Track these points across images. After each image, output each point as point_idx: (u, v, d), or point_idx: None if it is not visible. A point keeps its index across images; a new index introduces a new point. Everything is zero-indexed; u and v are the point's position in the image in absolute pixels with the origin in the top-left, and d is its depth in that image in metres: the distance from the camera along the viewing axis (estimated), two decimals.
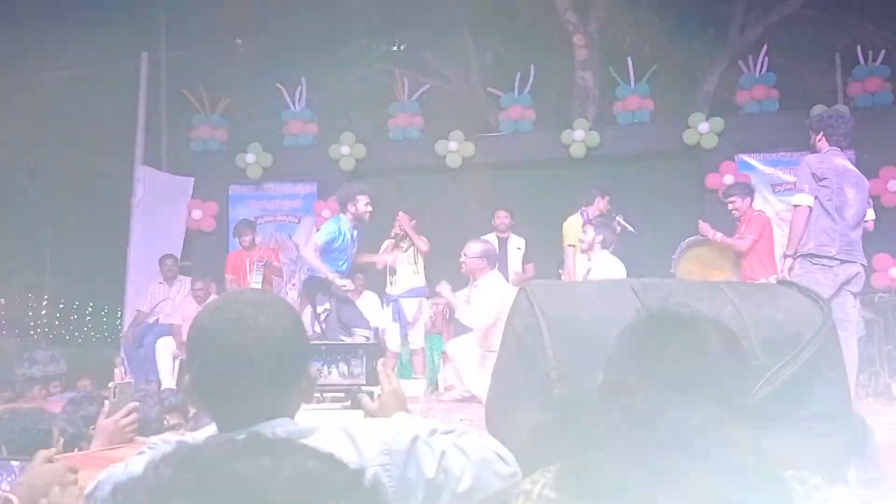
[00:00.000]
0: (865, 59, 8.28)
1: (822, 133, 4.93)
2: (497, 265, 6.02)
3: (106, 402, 2.57)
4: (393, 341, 6.76)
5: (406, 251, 6.87)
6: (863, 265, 4.93)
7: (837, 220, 4.72)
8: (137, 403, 2.65)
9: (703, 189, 8.31)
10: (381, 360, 1.49)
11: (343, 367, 1.51)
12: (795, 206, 4.78)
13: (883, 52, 8.32)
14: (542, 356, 1.62)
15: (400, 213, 6.88)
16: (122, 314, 9.20)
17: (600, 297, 1.76)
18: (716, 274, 6.23)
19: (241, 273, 7.08)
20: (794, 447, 1.58)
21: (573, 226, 6.80)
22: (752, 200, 6.32)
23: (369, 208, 6.04)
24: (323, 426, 1.20)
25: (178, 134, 10.67)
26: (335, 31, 11.55)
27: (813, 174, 4.73)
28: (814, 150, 5.02)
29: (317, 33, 11.15)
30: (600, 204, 6.77)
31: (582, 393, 1.54)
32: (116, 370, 5.53)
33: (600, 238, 5.82)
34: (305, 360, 1.28)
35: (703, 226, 6.34)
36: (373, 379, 1.47)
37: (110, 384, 2.58)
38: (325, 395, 1.54)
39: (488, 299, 5.55)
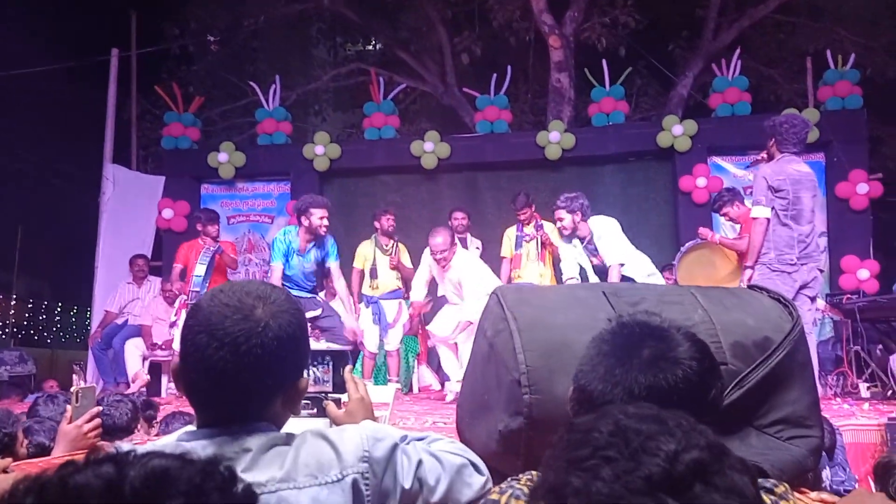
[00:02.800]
0: (836, 63, 8.38)
1: (774, 139, 4.98)
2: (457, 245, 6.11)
3: (68, 406, 2.52)
4: (371, 342, 6.74)
5: (389, 253, 6.84)
6: (820, 270, 5.09)
7: (794, 228, 4.87)
8: (101, 408, 2.60)
9: (676, 191, 8.36)
10: (348, 368, 1.45)
11: (309, 374, 1.46)
12: (754, 218, 4.82)
13: (853, 56, 8.43)
14: (513, 362, 1.60)
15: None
16: (90, 314, 9.06)
17: (572, 301, 1.75)
18: (718, 275, 6.28)
19: (192, 263, 6.79)
20: (763, 452, 1.58)
21: (508, 235, 6.91)
22: (742, 201, 6.32)
23: (324, 223, 5.81)
24: (302, 433, 1.18)
25: (149, 132, 10.56)
26: (310, 30, 11.48)
27: (770, 187, 4.80)
28: (769, 155, 5.07)
29: (291, 31, 11.08)
30: (528, 212, 6.74)
31: (553, 399, 1.53)
32: (75, 376, 5.43)
33: (578, 216, 5.84)
34: (298, 368, 1.23)
35: (703, 230, 6.41)
36: (340, 386, 1.43)
37: (73, 388, 2.53)
38: None
39: (471, 273, 5.76)
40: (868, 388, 5.69)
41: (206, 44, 11.24)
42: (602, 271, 5.84)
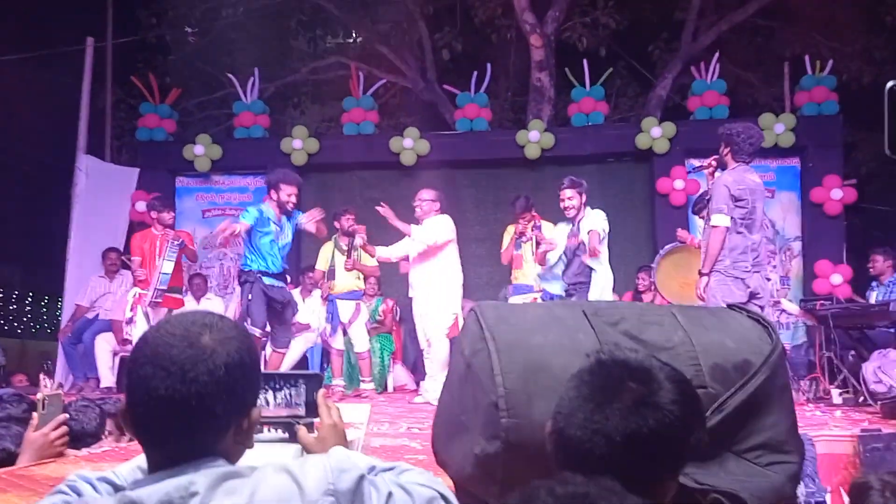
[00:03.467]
0: (813, 69, 8.45)
1: (729, 148, 5.00)
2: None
3: (34, 413, 2.46)
4: (337, 340, 6.74)
5: (352, 254, 6.83)
6: (767, 279, 5.18)
7: (747, 237, 4.91)
8: (67, 416, 2.54)
9: (653, 192, 8.39)
10: (321, 392, 1.42)
11: (280, 397, 1.42)
12: (714, 226, 4.84)
13: (830, 62, 8.50)
14: (490, 384, 1.57)
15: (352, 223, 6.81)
16: (62, 305, 8.91)
17: (551, 321, 1.72)
18: (694, 278, 6.33)
19: (149, 254, 6.50)
20: (742, 479, 1.57)
21: (509, 232, 6.93)
22: None
23: (293, 199, 5.86)
24: (262, 467, 1.13)
25: (124, 122, 10.40)
26: (289, 22, 11.35)
27: (731, 195, 4.82)
28: (721, 163, 5.09)
29: (270, 23, 10.94)
30: (526, 216, 6.74)
31: (531, 424, 1.50)
32: (43, 380, 5.27)
33: (584, 199, 5.97)
34: (248, 397, 1.18)
35: (682, 232, 6.46)
36: (312, 410, 1.39)
37: (38, 395, 2.46)
38: (261, 426, 1.45)
39: (431, 229, 6.04)
40: (840, 394, 5.74)
41: (184, 34, 11.08)
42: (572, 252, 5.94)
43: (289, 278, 6.27)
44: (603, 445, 1.10)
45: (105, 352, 7.38)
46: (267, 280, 5.82)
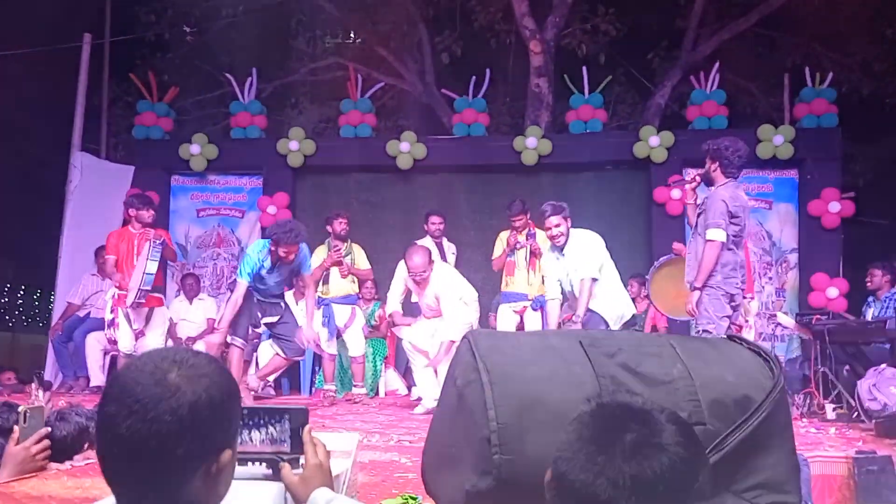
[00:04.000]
0: (813, 80, 8.42)
1: (717, 163, 4.96)
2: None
3: (15, 427, 2.41)
4: (325, 345, 6.70)
5: (345, 257, 6.79)
6: (743, 297, 5.23)
7: (737, 254, 4.91)
8: (49, 430, 2.49)
9: (650, 201, 8.36)
10: (307, 429, 1.37)
11: (265, 433, 1.38)
12: (710, 240, 4.81)
13: (831, 74, 8.48)
14: (483, 418, 1.52)
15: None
16: (54, 298, 8.84)
17: (546, 351, 1.67)
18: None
19: (126, 254, 6.32)
20: None
21: (501, 238, 6.90)
22: None
23: (291, 258, 5.73)
24: None
25: (120, 119, 10.33)
26: (288, 22, 11.29)
27: (729, 211, 4.80)
28: (706, 179, 5.06)
29: (269, 23, 10.88)
30: (523, 219, 6.70)
31: (525, 460, 1.46)
32: (34, 391, 5.14)
33: (569, 223, 5.77)
34: (216, 440, 1.12)
35: (677, 245, 6.43)
36: (297, 445, 1.35)
37: (21, 408, 2.41)
38: (244, 462, 1.40)
39: (449, 286, 5.82)
40: (834, 409, 5.71)
41: (182, 32, 11.01)
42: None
43: (292, 295, 6.30)
44: (608, 489, 1.07)
45: (96, 350, 7.32)
46: (257, 296, 5.86)
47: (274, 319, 5.93)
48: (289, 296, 7.17)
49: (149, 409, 1.06)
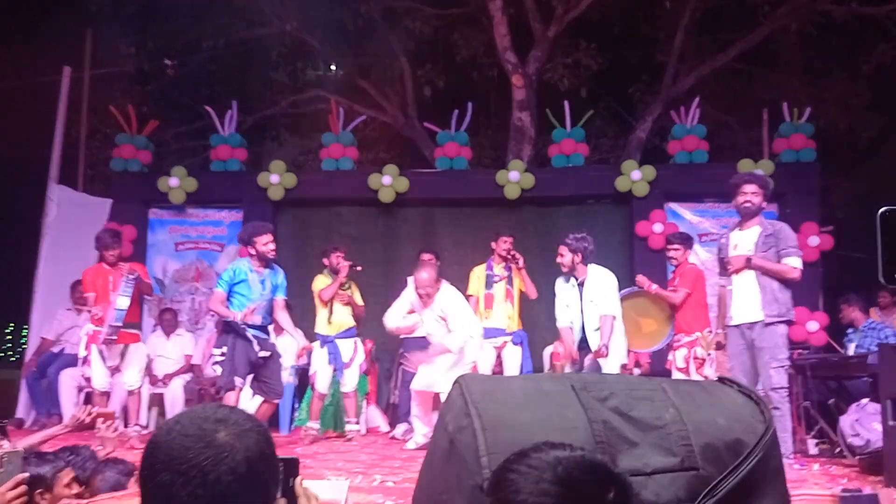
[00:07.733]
0: (791, 115, 8.53)
1: (763, 192, 5.08)
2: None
3: None
4: (322, 383, 6.56)
5: (344, 289, 6.69)
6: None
7: None
8: (27, 475, 2.42)
9: (632, 235, 8.38)
10: (298, 480, 1.33)
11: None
12: (794, 267, 4.95)
13: (808, 109, 8.59)
14: (475, 465, 1.48)
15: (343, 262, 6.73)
16: (28, 332, 8.66)
17: (539, 396, 1.64)
18: (649, 323, 6.37)
19: (101, 290, 6.21)
20: None
21: (477, 274, 6.88)
22: (689, 252, 6.43)
23: (271, 247, 5.87)
24: None
25: (98, 151, 10.24)
26: (269, 54, 11.31)
27: None
28: (759, 208, 5.11)
29: (249, 55, 10.91)
30: (504, 244, 6.76)
31: None
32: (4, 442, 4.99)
33: (579, 257, 5.80)
34: (270, 490, 1.16)
35: (640, 278, 6.46)
36: (289, 496, 1.30)
37: None
38: None
39: (456, 304, 5.90)
40: (816, 444, 5.71)
41: (163, 64, 10.99)
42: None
43: (271, 329, 6.20)
44: None
45: (70, 388, 7.17)
46: (251, 331, 5.77)
47: (268, 354, 5.85)
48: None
49: (207, 473, 1.06)
